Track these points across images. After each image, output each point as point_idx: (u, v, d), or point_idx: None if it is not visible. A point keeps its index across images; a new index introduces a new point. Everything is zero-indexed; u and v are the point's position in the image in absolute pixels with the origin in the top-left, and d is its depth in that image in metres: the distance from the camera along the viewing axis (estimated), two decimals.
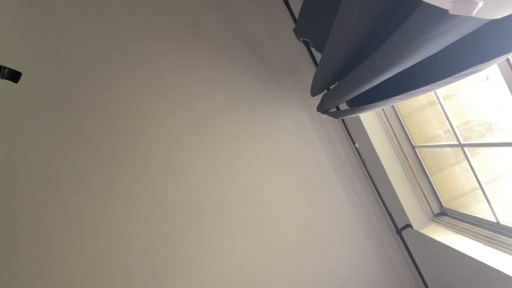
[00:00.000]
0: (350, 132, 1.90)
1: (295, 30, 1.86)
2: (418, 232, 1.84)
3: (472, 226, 1.62)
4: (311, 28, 1.70)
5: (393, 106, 1.90)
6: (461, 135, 1.51)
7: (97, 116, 1.86)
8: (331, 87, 1.75)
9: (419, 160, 1.90)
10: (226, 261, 1.93)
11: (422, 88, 1.02)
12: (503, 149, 1.41)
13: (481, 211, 1.60)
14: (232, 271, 1.93)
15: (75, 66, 1.86)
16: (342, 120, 1.91)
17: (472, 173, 1.51)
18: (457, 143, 1.53)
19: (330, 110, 1.79)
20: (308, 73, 2.13)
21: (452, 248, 1.58)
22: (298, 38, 1.88)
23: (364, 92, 1.31)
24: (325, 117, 2.13)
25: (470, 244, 1.55)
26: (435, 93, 1.56)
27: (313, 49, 1.95)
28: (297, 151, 2.09)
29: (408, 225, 1.89)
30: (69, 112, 1.83)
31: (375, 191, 1.96)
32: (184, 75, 1.98)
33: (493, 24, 0.69)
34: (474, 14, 0.46)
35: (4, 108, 1.78)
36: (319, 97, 1.87)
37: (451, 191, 1.82)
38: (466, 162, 1.53)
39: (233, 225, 1.96)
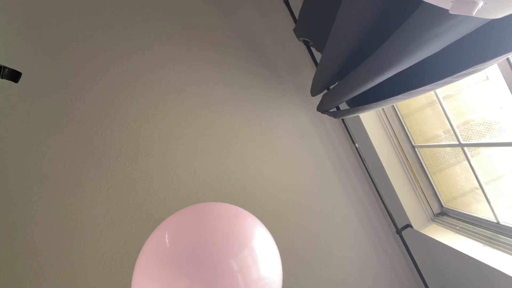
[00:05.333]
0: (350, 132, 1.90)
1: (295, 30, 1.86)
2: (418, 232, 1.84)
3: (472, 226, 1.62)
4: (311, 28, 1.70)
5: (393, 106, 1.90)
6: (461, 135, 1.51)
7: (97, 116, 1.86)
8: (331, 87, 1.75)
9: (419, 160, 1.90)
10: None
11: (422, 88, 1.02)
12: (503, 149, 1.41)
13: (481, 211, 1.60)
14: None
15: (75, 66, 1.86)
16: (342, 120, 1.91)
17: (472, 173, 1.51)
18: (457, 143, 1.53)
19: (330, 110, 1.79)
20: (308, 73, 2.14)
21: (452, 248, 1.58)
22: (298, 38, 1.88)
23: (364, 92, 1.31)
24: (325, 117, 2.13)
25: (470, 244, 1.55)
26: (435, 93, 1.56)
27: (313, 49, 1.95)
28: (297, 151, 2.09)
29: (408, 225, 1.89)
30: (69, 112, 1.83)
31: (375, 191, 1.96)
32: (183, 75, 1.98)
33: (493, 24, 0.69)
34: (474, 14, 0.46)
35: (4, 108, 1.78)
36: (319, 97, 1.87)
37: (451, 191, 1.82)
38: (466, 162, 1.53)
39: None
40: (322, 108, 1.82)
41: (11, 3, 1.82)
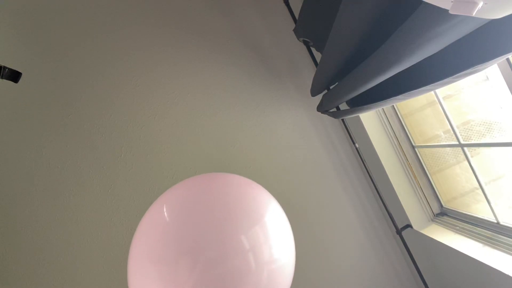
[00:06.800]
0: (350, 132, 1.90)
1: (295, 30, 1.86)
2: (418, 232, 1.84)
3: (472, 226, 1.62)
4: (311, 28, 1.70)
5: (393, 106, 1.90)
6: (461, 135, 1.51)
7: (97, 116, 1.86)
8: (331, 87, 1.75)
9: (419, 160, 1.90)
10: None
11: (422, 88, 1.02)
12: (503, 149, 1.41)
13: (481, 211, 1.60)
14: None
15: (75, 66, 1.86)
16: (342, 120, 1.91)
17: (472, 173, 1.51)
18: (457, 143, 1.53)
19: (330, 110, 1.79)
20: (308, 73, 2.13)
21: (452, 248, 1.58)
22: (298, 38, 1.88)
23: (364, 92, 1.31)
24: (325, 117, 2.13)
25: (470, 244, 1.55)
26: (435, 93, 1.56)
27: (313, 49, 1.95)
28: (297, 151, 2.09)
29: (408, 225, 1.89)
30: (69, 112, 1.83)
31: (375, 191, 1.95)
32: (183, 76, 1.98)
33: (493, 24, 0.69)
34: (474, 14, 0.46)
35: (4, 108, 1.78)
36: (319, 97, 1.87)
37: (451, 191, 1.82)
38: (466, 162, 1.53)
39: None
40: (322, 108, 1.82)
41: (11, 3, 1.81)
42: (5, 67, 0.98)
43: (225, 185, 1.00)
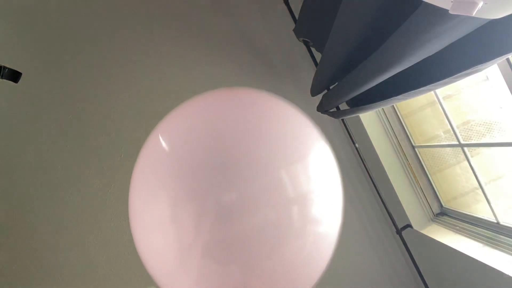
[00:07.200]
0: (350, 132, 1.90)
1: (295, 30, 1.86)
2: (418, 232, 1.84)
3: (472, 226, 1.62)
4: (311, 28, 1.70)
5: (393, 106, 1.90)
6: (461, 135, 1.51)
7: (97, 116, 1.86)
8: (331, 87, 1.75)
9: (419, 160, 1.90)
10: None
11: (422, 88, 1.02)
12: (503, 149, 1.41)
13: (481, 211, 1.60)
14: None
15: (76, 67, 1.86)
16: (342, 120, 1.91)
17: (472, 173, 1.51)
18: (457, 143, 1.53)
19: (330, 110, 1.79)
20: (308, 73, 2.13)
21: (452, 248, 1.58)
22: (298, 38, 1.88)
23: (364, 92, 1.31)
24: (325, 117, 2.13)
25: (470, 244, 1.55)
26: (435, 93, 1.56)
27: (313, 49, 1.95)
28: None
29: (408, 225, 1.89)
30: (70, 112, 1.83)
31: (375, 191, 1.95)
32: (183, 76, 1.98)
33: (493, 24, 0.69)
34: (474, 14, 0.46)
35: (4, 108, 1.78)
36: (319, 97, 1.87)
37: (451, 191, 1.82)
38: (466, 162, 1.53)
39: None
40: (322, 108, 1.81)
41: (12, 3, 1.81)
42: (5, 67, 0.98)
43: (253, 101, 0.65)
